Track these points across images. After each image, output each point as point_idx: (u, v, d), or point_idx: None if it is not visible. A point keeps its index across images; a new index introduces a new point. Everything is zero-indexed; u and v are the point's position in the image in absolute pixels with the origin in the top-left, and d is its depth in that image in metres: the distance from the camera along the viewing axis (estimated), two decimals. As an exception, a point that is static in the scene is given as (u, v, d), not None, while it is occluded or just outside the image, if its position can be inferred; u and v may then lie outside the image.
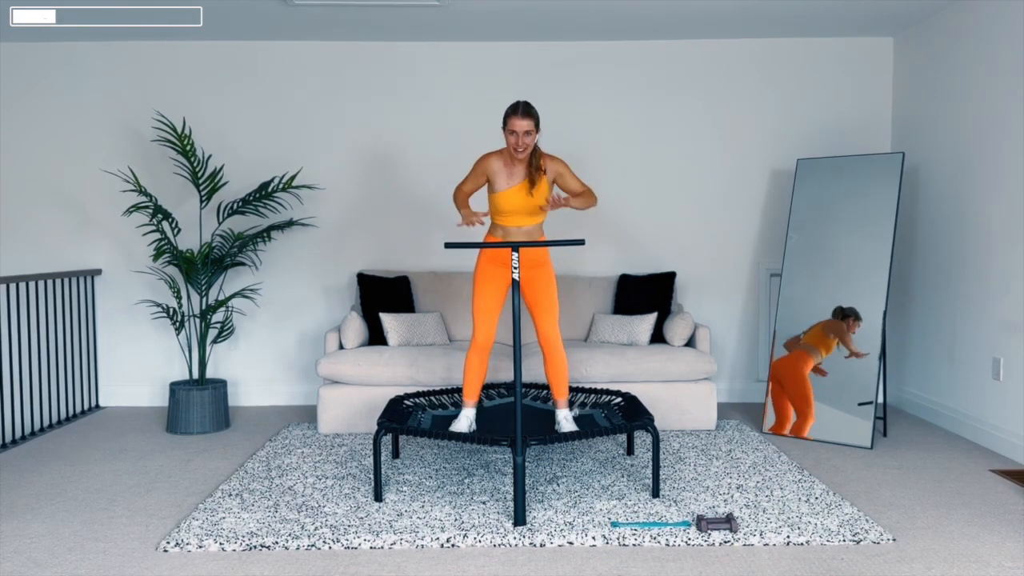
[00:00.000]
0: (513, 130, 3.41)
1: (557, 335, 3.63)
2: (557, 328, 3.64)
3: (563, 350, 3.65)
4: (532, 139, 3.43)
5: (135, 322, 5.29)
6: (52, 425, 4.76)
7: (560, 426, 3.56)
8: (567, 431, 3.44)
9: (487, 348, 3.62)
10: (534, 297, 3.62)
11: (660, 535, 2.94)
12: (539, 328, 3.64)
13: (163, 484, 3.65)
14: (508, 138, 3.45)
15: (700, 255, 5.36)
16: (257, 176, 5.18)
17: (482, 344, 3.60)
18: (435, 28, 4.96)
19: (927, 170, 4.82)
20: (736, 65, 5.28)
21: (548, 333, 3.62)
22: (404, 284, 5.03)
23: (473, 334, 3.62)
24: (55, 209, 5.26)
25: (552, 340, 3.63)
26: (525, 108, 3.41)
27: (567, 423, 3.56)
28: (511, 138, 3.43)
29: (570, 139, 5.18)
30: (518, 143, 3.41)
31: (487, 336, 3.60)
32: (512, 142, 3.43)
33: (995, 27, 4.16)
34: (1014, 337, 4.00)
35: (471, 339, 3.67)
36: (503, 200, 3.54)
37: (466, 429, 3.53)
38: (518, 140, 3.41)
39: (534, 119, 3.41)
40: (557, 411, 3.63)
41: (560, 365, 3.63)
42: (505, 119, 3.44)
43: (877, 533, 2.96)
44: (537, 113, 3.45)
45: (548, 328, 3.62)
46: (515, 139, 3.42)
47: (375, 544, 2.91)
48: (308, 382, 5.36)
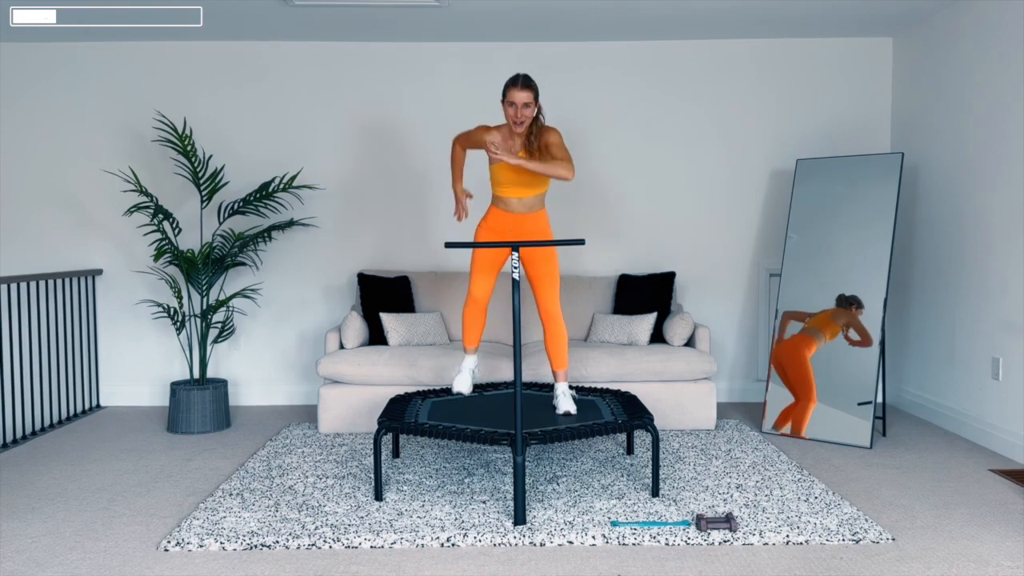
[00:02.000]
0: (512, 102, 3.37)
1: (557, 308, 3.63)
2: (557, 301, 3.63)
3: (563, 323, 3.65)
4: (531, 111, 3.39)
5: (136, 322, 5.30)
6: (52, 425, 4.76)
7: (558, 401, 3.55)
8: (565, 409, 3.44)
9: (483, 303, 3.62)
10: (534, 269, 3.61)
11: (660, 534, 2.95)
12: (539, 301, 3.64)
13: (163, 484, 3.66)
14: (507, 110, 3.42)
15: (700, 255, 5.36)
16: (257, 176, 5.18)
17: (477, 298, 3.60)
18: (435, 28, 4.96)
19: (927, 170, 4.82)
20: (736, 65, 5.29)
21: (548, 306, 3.62)
22: (404, 284, 5.03)
23: (469, 290, 3.62)
24: (56, 209, 5.26)
25: (552, 313, 3.62)
26: (525, 80, 3.38)
27: (564, 398, 3.55)
28: (510, 110, 3.40)
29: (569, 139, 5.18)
30: (517, 115, 3.38)
31: (483, 293, 3.60)
32: (511, 114, 3.40)
33: (995, 27, 4.17)
34: (1014, 337, 4.00)
35: (467, 295, 3.67)
36: (500, 171, 3.53)
37: (468, 388, 3.55)
38: (517, 112, 3.38)
39: (533, 91, 3.38)
40: (556, 385, 3.63)
41: (559, 337, 3.63)
42: (504, 91, 3.41)
43: (876, 533, 2.97)
44: (536, 86, 3.41)
45: (548, 301, 3.62)
46: (514, 111, 3.38)
47: (375, 543, 2.91)
48: (308, 382, 5.36)
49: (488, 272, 3.63)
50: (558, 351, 3.64)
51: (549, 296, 3.62)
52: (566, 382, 3.65)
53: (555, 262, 3.64)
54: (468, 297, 3.66)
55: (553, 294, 3.62)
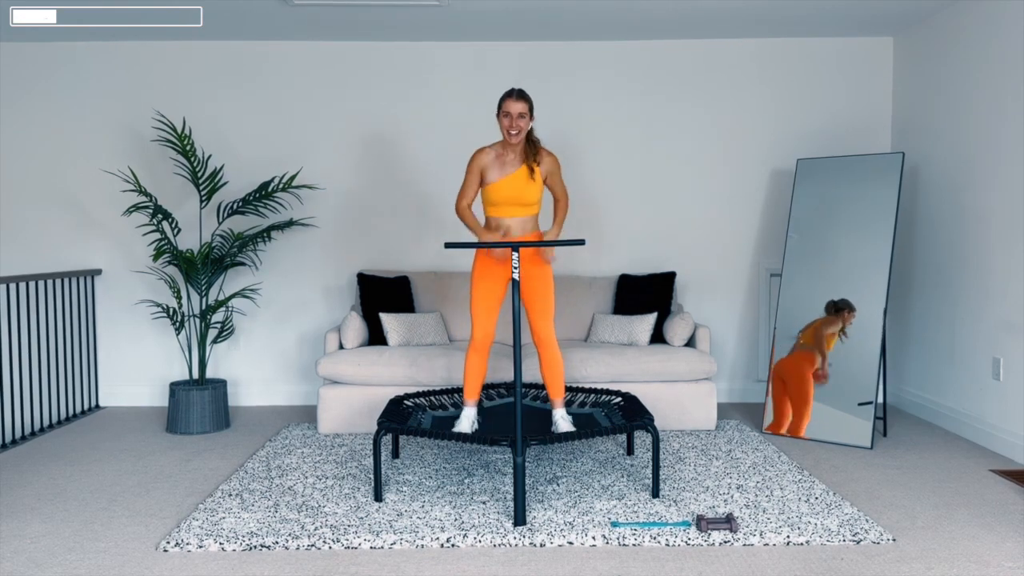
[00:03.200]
0: (507, 112, 3.43)
1: (551, 335, 3.62)
2: (552, 328, 3.63)
3: (558, 350, 3.65)
4: (526, 123, 3.46)
5: (135, 322, 5.29)
6: (52, 425, 4.76)
7: (557, 426, 3.56)
8: (565, 431, 3.44)
9: (486, 346, 3.61)
10: (530, 295, 3.60)
11: (660, 535, 2.94)
12: (533, 327, 3.63)
13: (163, 484, 3.65)
14: (502, 121, 3.47)
15: (700, 255, 5.36)
16: (257, 176, 5.18)
17: (480, 342, 3.60)
18: (435, 28, 4.96)
19: (927, 170, 4.82)
20: (736, 65, 5.28)
21: (543, 333, 3.61)
22: (404, 284, 5.03)
23: (472, 333, 3.61)
24: (55, 209, 5.26)
25: (546, 340, 3.62)
26: (519, 92, 3.47)
27: (564, 423, 3.55)
28: (505, 120, 3.45)
29: (570, 139, 5.19)
30: (512, 125, 3.44)
31: (485, 334, 3.60)
32: (506, 124, 3.45)
33: (995, 27, 4.16)
34: (1014, 337, 4.00)
35: (470, 338, 3.67)
36: (494, 191, 3.53)
37: (468, 430, 3.53)
38: (512, 122, 3.43)
39: (528, 103, 3.46)
40: (554, 411, 3.63)
41: (555, 364, 3.63)
42: (500, 103, 3.48)
43: (877, 533, 2.96)
44: (531, 99, 3.50)
45: (543, 328, 3.61)
46: (509, 121, 3.44)
47: (375, 544, 2.91)
48: (308, 382, 5.36)
49: (490, 309, 3.60)
50: (554, 379, 3.64)
51: (543, 322, 3.61)
52: (563, 408, 3.65)
53: (550, 287, 3.62)
54: (471, 342, 3.62)
55: (548, 320, 3.61)
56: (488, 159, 3.54)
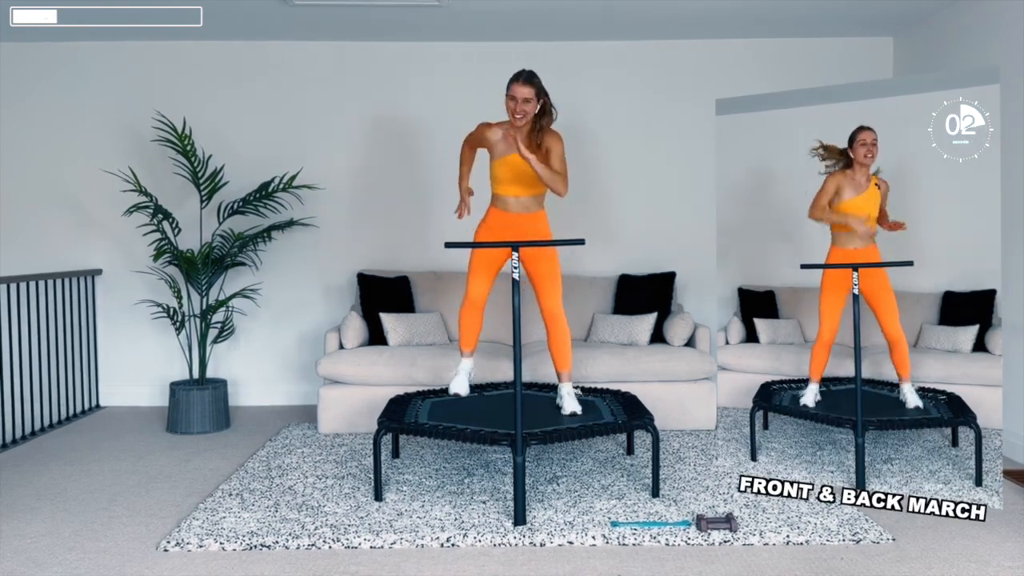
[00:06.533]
0: (513, 95, 3.44)
1: (559, 308, 3.62)
2: (559, 300, 3.63)
3: (566, 323, 3.64)
4: (531, 108, 3.45)
5: (135, 322, 5.29)
6: (52, 425, 4.76)
7: (563, 401, 3.55)
8: (570, 410, 3.44)
9: (480, 304, 3.63)
10: (535, 268, 3.61)
11: (660, 535, 2.95)
12: (540, 301, 3.64)
13: (163, 484, 3.65)
14: (508, 103, 3.47)
15: (700, 255, 5.35)
16: (257, 176, 5.17)
17: (474, 302, 3.62)
18: (435, 28, 4.96)
19: (927, 170, 4.81)
20: (736, 65, 5.28)
21: (550, 306, 3.62)
22: (404, 284, 5.03)
23: (466, 291, 3.63)
24: (55, 209, 5.26)
25: (554, 313, 3.62)
26: (527, 76, 3.45)
27: (569, 399, 3.55)
28: (510, 103, 3.46)
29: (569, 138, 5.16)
30: (516, 109, 3.44)
31: (480, 294, 3.62)
32: (511, 107, 3.46)
33: (995, 27, 4.16)
34: (1014, 337, 3.99)
35: (464, 296, 3.68)
36: (498, 166, 3.57)
37: (464, 390, 3.56)
38: (516, 106, 3.44)
39: (535, 87, 3.43)
40: (560, 386, 3.63)
41: (562, 337, 3.63)
42: (508, 85, 3.47)
43: (877, 533, 2.97)
44: (540, 84, 3.46)
45: (550, 301, 3.62)
46: (514, 104, 3.44)
47: (375, 544, 2.91)
48: (308, 382, 5.36)
49: (486, 273, 3.63)
50: (561, 351, 3.64)
51: (551, 295, 3.61)
52: (570, 382, 3.65)
53: (556, 261, 3.64)
54: (465, 298, 3.66)
55: (555, 294, 3.62)
56: (494, 135, 3.57)
